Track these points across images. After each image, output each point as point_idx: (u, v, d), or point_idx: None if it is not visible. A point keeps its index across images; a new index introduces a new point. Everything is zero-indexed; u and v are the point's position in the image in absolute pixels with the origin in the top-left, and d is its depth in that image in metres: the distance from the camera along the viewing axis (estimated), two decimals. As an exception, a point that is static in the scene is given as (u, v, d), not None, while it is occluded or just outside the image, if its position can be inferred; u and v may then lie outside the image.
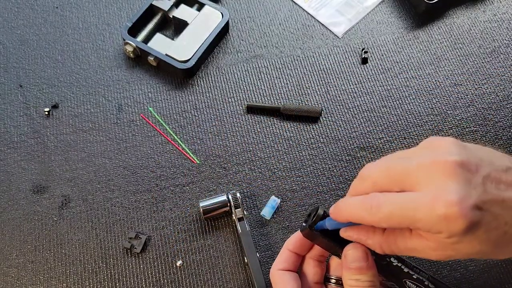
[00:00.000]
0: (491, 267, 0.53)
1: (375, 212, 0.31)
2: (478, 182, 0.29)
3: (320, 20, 0.69)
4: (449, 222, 0.28)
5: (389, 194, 0.31)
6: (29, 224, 0.55)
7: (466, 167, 0.29)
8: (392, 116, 0.62)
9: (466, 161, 0.29)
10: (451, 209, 0.28)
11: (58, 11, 0.69)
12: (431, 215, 0.28)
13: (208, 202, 0.53)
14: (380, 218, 0.31)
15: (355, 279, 0.37)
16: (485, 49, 0.66)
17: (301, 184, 0.57)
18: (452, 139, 0.31)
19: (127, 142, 0.60)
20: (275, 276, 0.43)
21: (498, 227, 0.29)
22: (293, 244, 0.43)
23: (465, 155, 0.29)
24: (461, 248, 0.30)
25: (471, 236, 0.29)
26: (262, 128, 0.61)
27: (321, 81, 0.64)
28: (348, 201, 0.33)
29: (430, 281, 0.39)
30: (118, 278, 0.52)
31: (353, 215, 0.33)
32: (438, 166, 0.29)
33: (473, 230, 0.28)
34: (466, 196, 0.28)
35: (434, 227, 0.29)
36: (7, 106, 0.62)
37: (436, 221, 0.28)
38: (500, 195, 0.29)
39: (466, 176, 0.29)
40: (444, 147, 0.31)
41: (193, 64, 0.62)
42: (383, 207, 0.30)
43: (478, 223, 0.28)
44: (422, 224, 0.29)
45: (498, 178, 0.30)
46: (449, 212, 0.28)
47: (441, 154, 0.30)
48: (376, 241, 0.34)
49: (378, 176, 0.32)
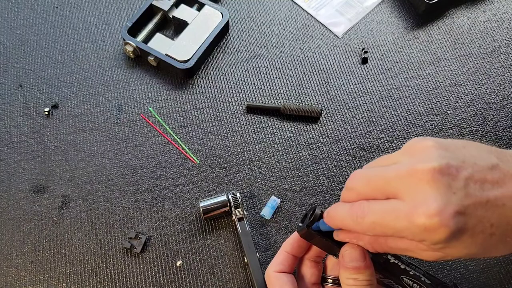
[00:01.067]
0: (491, 267, 0.53)
1: (360, 221, 0.31)
2: (459, 186, 0.28)
3: (320, 20, 0.69)
4: (430, 232, 0.28)
5: (373, 203, 0.31)
6: (29, 224, 0.55)
7: (446, 172, 0.28)
8: (392, 116, 0.62)
9: (445, 166, 0.28)
10: (430, 220, 0.27)
11: (58, 11, 0.69)
12: (411, 226, 0.28)
13: (208, 202, 0.53)
14: (365, 227, 0.31)
15: (353, 279, 0.37)
16: (485, 49, 0.66)
17: (301, 184, 0.57)
18: (432, 142, 0.30)
19: (127, 142, 0.60)
20: (271, 278, 0.43)
21: (484, 230, 0.28)
22: (290, 245, 0.43)
23: (445, 159, 0.29)
24: (448, 252, 0.30)
25: (456, 242, 0.28)
26: (262, 128, 0.61)
27: (321, 81, 0.64)
28: (338, 208, 0.34)
29: (426, 277, 0.40)
30: (118, 278, 0.52)
31: (342, 224, 0.33)
32: (416, 174, 0.29)
33: (457, 237, 0.28)
34: (446, 203, 0.27)
35: (416, 236, 0.29)
36: (7, 106, 0.62)
37: (417, 231, 0.28)
38: (484, 196, 0.28)
39: (445, 182, 0.28)
40: (424, 151, 0.30)
41: (193, 64, 0.62)
42: (366, 216, 0.31)
43: (461, 229, 0.28)
44: (405, 234, 0.29)
45: (482, 178, 0.29)
46: (428, 223, 0.27)
47: (420, 160, 0.29)
48: (366, 242, 0.34)
49: (361, 187, 0.32)
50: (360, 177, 0.33)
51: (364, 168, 0.34)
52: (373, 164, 0.34)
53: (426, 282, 0.39)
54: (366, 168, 0.34)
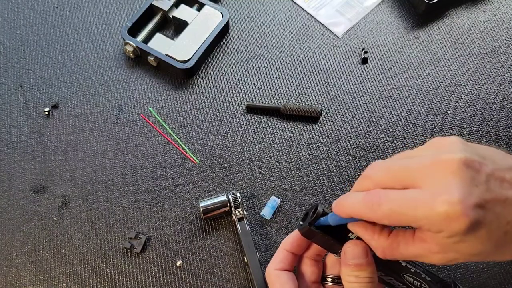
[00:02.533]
0: (491, 267, 0.53)
1: (376, 209, 0.31)
2: (481, 180, 0.28)
3: (320, 20, 0.69)
4: (450, 221, 0.27)
5: (390, 191, 0.31)
6: (29, 224, 0.55)
7: (470, 165, 0.29)
8: (392, 116, 0.62)
9: (469, 159, 0.29)
10: (452, 208, 0.27)
11: (58, 11, 0.69)
12: (431, 213, 0.28)
13: (208, 202, 0.53)
14: (381, 215, 0.30)
15: (355, 276, 0.37)
16: (485, 49, 0.66)
17: (301, 184, 0.57)
18: (456, 138, 0.31)
19: (127, 142, 0.60)
20: (272, 276, 0.43)
21: (500, 227, 0.29)
22: (290, 244, 0.43)
23: (469, 153, 0.29)
24: (462, 248, 0.29)
25: (472, 235, 0.28)
26: (262, 128, 0.61)
27: (321, 81, 0.64)
28: (350, 196, 0.33)
29: (426, 274, 0.40)
30: (118, 278, 0.52)
31: (354, 211, 0.32)
32: (440, 164, 0.29)
33: (475, 230, 0.28)
34: (468, 194, 0.27)
35: (434, 225, 0.28)
36: (7, 106, 0.62)
37: (437, 219, 0.28)
38: (503, 194, 0.29)
39: (469, 174, 0.28)
40: (448, 145, 0.31)
41: (193, 64, 0.62)
42: (383, 204, 0.30)
43: (480, 222, 0.28)
44: (423, 222, 0.29)
45: (501, 177, 0.29)
46: (450, 210, 0.27)
47: (445, 152, 0.30)
48: (380, 244, 0.33)
49: (380, 176, 0.32)
50: (380, 166, 0.33)
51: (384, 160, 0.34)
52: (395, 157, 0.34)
53: (427, 279, 0.40)
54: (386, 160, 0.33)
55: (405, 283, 0.40)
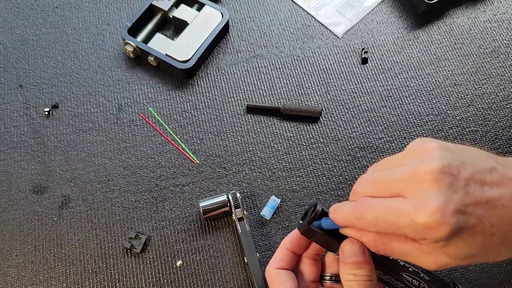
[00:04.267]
0: (490, 267, 0.53)
1: (362, 216, 0.32)
2: (460, 185, 0.29)
3: (320, 20, 0.69)
4: (431, 230, 0.28)
5: (375, 199, 0.32)
6: (29, 224, 0.55)
7: (448, 172, 0.29)
8: (392, 116, 0.62)
9: (446, 166, 0.29)
10: (431, 218, 0.28)
11: (58, 11, 0.69)
12: (413, 224, 0.29)
13: (208, 202, 0.53)
14: (367, 222, 0.32)
15: (353, 274, 0.37)
16: (485, 49, 0.66)
17: (301, 184, 0.57)
18: (434, 143, 0.31)
19: (127, 142, 0.60)
20: (272, 275, 0.43)
21: (484, 230, 0.29)
22: (290, 242, 0.43)
23: (447, 159, 0.30)
24: (449, 252, 0.30)
25: (457, 240, 0.29)
26: (262, 128, 0.61)
27: (321, 81, 0.64)
28: (342, 206, 0.35)
29: (424, 273, 0.40)
30: (118, 278, 0.52)
31: (345, 220, 0.34)
32: (419, 174, 0.29)
33: (458, 235, 0.28)
34: (447, 201, 0.28)
35: (417, 234, 0.29)
36: (7, 106, 0.62)
37: (418, 229, 0.29)
38: (484, 196, 0.29)
39: (447, 181, 0.29)
40: (426, 152, 0.31)
41: (193, 64, 0.62)
42: (368, 212, 0.32)
43: (461, 227, 0.28)
44: (406, 231, 0.30)
45: (482, 179, 0.30)
46: (429, 220, 0.28)
47: (422, 161, 0.30)
48: (371, 239, 0.34)
49: (366, 190, 0.33)
50: (365, 181, 0.34)
51: (369, 171, 0.35)
52: (378, 167, 0.35)
53: (425, 279, 0.40)
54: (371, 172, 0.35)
55: (403, 282, 0.40)
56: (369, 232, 0.34)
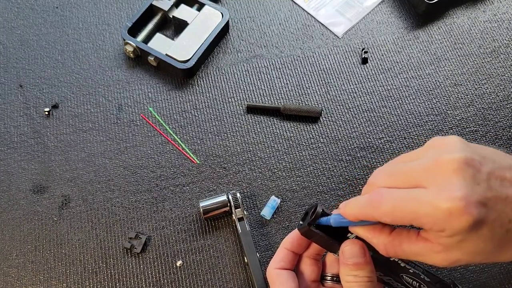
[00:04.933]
0: (491, 267, 0.53)
1: (378, 206, 0.31)
2: (482, 179, 0.29)
3: (320, 20, 0.69)
4: (453, 218, 0.28)
5: (393, 190, 0.31)
6: (29, 224, 0.55)
7: (471, 164, 0.29)
8: (392, 116, 0.62)
9: (470, 158, 0.29)
10: (455, 205, 0.27)
11: (58, 11, 0.69)
12: (434, 211, 0.28)
13: (208, 202, 0.53)
14: (383, 212, 0.31)
15: (353, 275, 0.37)
16: (485, 49, 0.66)
17: (301, 184, 0.57)
18: (455, 138, 0.31)
19: (127, 142, 0.60)
20: (273, 275, 0.43)
21: (502, 225, 0.29)
22: (290, 243, 0.43)
23: (469, 152, 0.29)
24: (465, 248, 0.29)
25: (475, 234, 0.28)
26: (262, 128, 0.61)
27: (321, 81, 0.64)
28: (356, 198, 0.34)
29: (425, 275, 0.40)
30: (118, 278, 0.52)
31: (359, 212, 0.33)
32: (442, 164, 0.29)
33: (477, 228, 0.28)
34: (470, 192, 0.28)
35: (437, 223, 0.28)
36: (7, 106, 0.62)
37: (439, 217, 0.28)
38: (504, 192, 0.29)
39: (470, 173, 0.28)
40: (448, 145, 0.31)
41: (193, 64, 0.62)
42: (385, 201, 0.31)
43: (482, 220, 0.28)
44: (425, 220, 0.29)
45: (502, 175, 0.30)
46: (453, 207, 0.27)
47: (445, 152, 0.30)
48: (381, 241, 0.33)
49: (383, 181, 0.32)
50: (382, 171, 0.33)
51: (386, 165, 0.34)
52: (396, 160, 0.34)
53: (426, 280, 0.40)
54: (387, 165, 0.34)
55: (403, 284, 0.40)
56: (380, 234, 0.33)
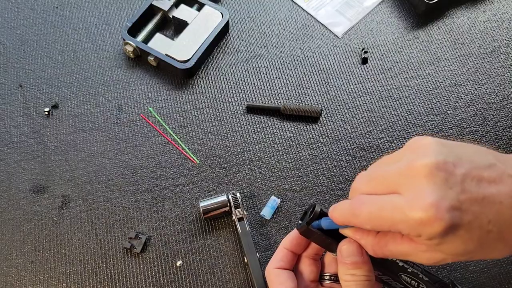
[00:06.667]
0: (491, 267, 0.53)
1: (358, 213, 0.32)
2: (456, 181, 0.29)
3: (320, 20, 0.69)
4: (425, 226, 0.28)
5: (372, 196, 0.32)
6: (29, 224, 0.55)
7: (442, 168, 0.29)
8: (392, 116, 0.62)
9: (442, 162, 0.29)
10: (426, 213, 0.28)
11: (58, 11, 0.69)
12: (407, 219, 0.28)
13: (208, 202, 0.53)
14: (362, 219, 0.32)
15: (351, 274, 0.37)
16: (485, 49, 0.66)
17: (301, 184, 0.57)
18: (431, 140, 0.31)
19: (127, 142, 0.60)
20: (272, 275, 0.43)
21: (481, 226, 0.29)
22: (290, 242, 0.43)
23: (442, 155, 0.29)
24: (445, 249, 0.30)
25: (452, 237, 0.28)
26: (262, 128, 0.61)
27: (321, 81, 0.64)
28: (340, 204, 0.35)
29: (424, 274, 0.40)
30: (118, 278, 0.52)
31: (342, 218, 0.34)
32: (414, 169, 0.29)
33: (453, 232, 0.28)
34: (442, 197, 0.28)
35: (412, 230, 0.29)
36: (7, 106, 0.62)
37: (413, 224, 0.28)
38: (480, 193, 0.29)
39: (442, 177, 0.28)
40: (422, 148, 0.31)
41: (193, 64, 0.62)
42: (363, 208, 0.31)
43: (456, 224, 0.28)
44: (401, 226, 0.29)
45: (479, 175, 0.29)
46: (424, 216, 0.28)
47: (418, 156, 0.30)
48: (369, 242, 0.34)
49: (363, 187, 0.33)
50: (362, 177, 0.34)
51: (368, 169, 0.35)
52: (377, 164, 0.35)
53: (424, 279, 0.40)
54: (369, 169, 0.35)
55: (402, 283, 0.40)
56: (367, 235, 0.34)
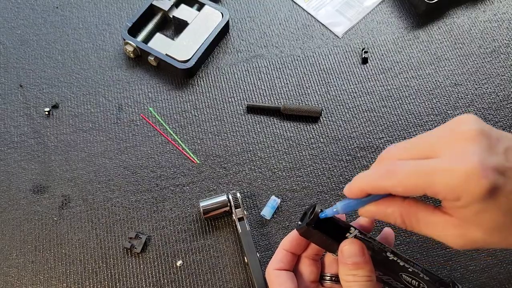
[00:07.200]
0: (491, 267, 0.53)
1: (391, 175, 0.30)
2: (499, 151, 0.28)
3: (320, 20, 0.69)
4: (469, 182, 0.27)
5: (407, 160, 0.31)
6: (29, 224, 0.55)
7: (487, 135, 0.28)
8: (392, 116, 0.62)
9: (487, 131, 0.29)
10: (472, 168, 0.27)
11: (58, 11, 0.69)
12: (450, 175, 0.27)
13: (208, 202, 0.53)
14: (396, 181, 0.30)
15: (352, 275, 0.37)
16: (485, 49, 0.66)
17: (301, 184, 0.57)
18: (473, 115, 0.31)
19: (127, 142, 0.60)
20: (271, 276, 0.43)
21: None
22: (289, 243, 0.43)
23: (487, 127, 0.29)
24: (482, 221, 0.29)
25: (492, 203, 0.28)
26: (262, 128, 0.61)
27: (321, 81, 0.64)
28: (362, 174, 0.33)
29: (424, 273, 0.40)
30: (118, 278, 0.52)
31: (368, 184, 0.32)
32: (458, 134, 0.29)
33: (494, 195, 0.27)
34: (487, 158, 0.27)
35: (452, 190, 0.28)
36: (7, 106, 0.62)
37: (455, 182, 0.27)
38: None
39: (487, 142, 0.28)
40: (464, 119, 0.30)
41: (193, 64, 0.62)
42: (399, 170, 0.30)
43: (499, 187, 0.27)
44: (440, 188, 0.28)
45: None
46: (469, 171, 0.27)
47: (462, 124, 0.29)
48: (397, 209, 0.32)
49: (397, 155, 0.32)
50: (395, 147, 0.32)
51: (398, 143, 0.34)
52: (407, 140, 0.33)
53: (425, 279, 0.40)
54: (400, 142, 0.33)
55: (403, 283, 0.40)
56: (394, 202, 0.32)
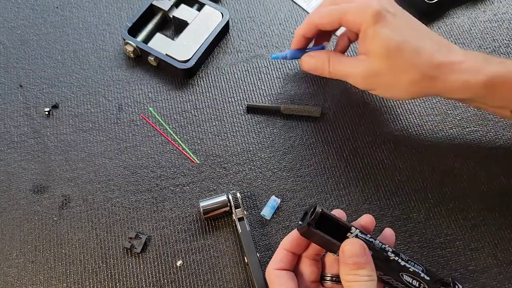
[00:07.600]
0: (491, 267, 0.53)
1: (320, 14, 0.51)
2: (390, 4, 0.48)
3: (320, 20, 0.68)
4: (364, 10, 0.45)
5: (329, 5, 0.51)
6: (29, 224, 0.55)
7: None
8: (392, 116, 0.62)
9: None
10: (367, 5, 0.45)
11: (58, 11, 0.69)
12: (355, 10, 0.46)
13: (208, 202, 0.53)
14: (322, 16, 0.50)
15: (353, 275, 0.37)
16: (486, 49, 0.66)
17: (301, 184, 0.57)
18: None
19: (127, 142, 0.60)
20: (272, 276, 0.43)
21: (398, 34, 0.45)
22: (289, 243, 0.43)
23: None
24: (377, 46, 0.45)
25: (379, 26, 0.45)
26: (262, 128, 0.61)
27: (321, 81, 0.64)
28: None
29: (425, 273, 0.40)
30: (118, 278, 0.52)
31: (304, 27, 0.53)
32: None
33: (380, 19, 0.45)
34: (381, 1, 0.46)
35: (355, 17, 0.46)
36: (7, 106, 0.62)
37: (357, 11, 0.46)
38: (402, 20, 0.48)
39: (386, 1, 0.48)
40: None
41: (193, 64, 0.62)
42: (324, 10, 0.50)
43: (384, 15, 0.45)
44: (350, 17, 0.47)
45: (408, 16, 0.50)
46: (365, 4, 0.46)
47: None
48: (326, 54, 0.53)
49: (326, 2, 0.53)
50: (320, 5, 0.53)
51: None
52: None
53: (425, 279, 0.40)
54: None
55: (403, 283, 0.40)
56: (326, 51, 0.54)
